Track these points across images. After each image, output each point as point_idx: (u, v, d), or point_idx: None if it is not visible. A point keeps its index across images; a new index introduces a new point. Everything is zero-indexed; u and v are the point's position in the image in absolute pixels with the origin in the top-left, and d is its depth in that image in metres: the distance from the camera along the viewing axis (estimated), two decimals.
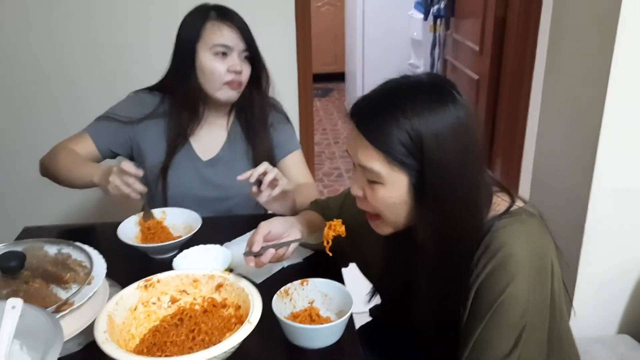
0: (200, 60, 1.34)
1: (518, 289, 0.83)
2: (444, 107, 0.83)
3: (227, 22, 1.34)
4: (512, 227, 0.85)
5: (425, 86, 0.86)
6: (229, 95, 1.38)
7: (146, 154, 1.44)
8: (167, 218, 1.30)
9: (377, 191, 0.87)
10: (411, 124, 0.81)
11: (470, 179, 0.86)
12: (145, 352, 0.89)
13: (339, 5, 5.28)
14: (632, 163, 1.46)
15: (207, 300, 0.99)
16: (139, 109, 1.44)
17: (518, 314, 0.84)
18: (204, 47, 1.34)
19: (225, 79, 1.34)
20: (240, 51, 1.35)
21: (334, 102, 5.28)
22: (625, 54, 1.37)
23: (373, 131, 0.84)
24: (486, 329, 0.86)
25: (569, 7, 1.63)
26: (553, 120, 1.71)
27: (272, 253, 1.02)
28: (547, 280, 0.86)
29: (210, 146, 1.47)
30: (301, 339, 0.94)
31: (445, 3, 3.20)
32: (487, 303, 0.85)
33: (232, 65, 1.34)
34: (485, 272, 0.85)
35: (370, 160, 0.85)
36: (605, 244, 1.50)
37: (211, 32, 1.33)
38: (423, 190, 0.85)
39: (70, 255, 1.01)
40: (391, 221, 0.91)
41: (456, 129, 0.83)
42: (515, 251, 0.83)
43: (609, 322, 1.60)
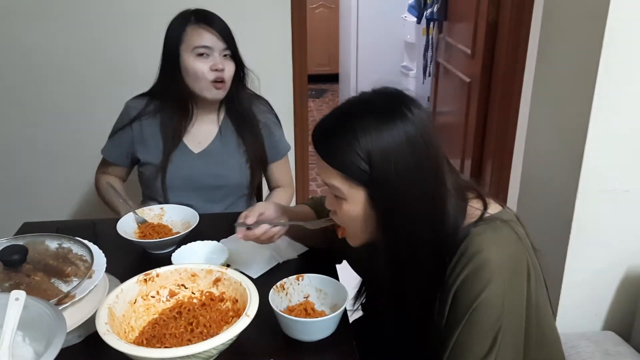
0: (184, 62, 1.43)
1: (493, 293, 0.86)
2: (390, 124, 0.86)
3: (205, 25, 1.42)
4: (486, 234, 0.88)
5: (376, 104, 0.90)
6: (215, 94, 1.46)
7: (143, 153, 1.52)
8: (166, 214, 1.33)
9: (342, 206, 0.92)
10: (359, 144, 0.86)
11: (426, 193, 0.89)
12: (145, 343, 0.91)
13: (333, 7, 5.31)
14: (618, 165, 1.49)
15: (205, 294, 1.01)
16: (127, 118, 1.53)
17: (494, 317, 0.87)
18: (186, 49, 1.42)
19: (209, 77, 1.42)
20: (221, 50, 1.43)
21: (328, 103, 5.31)
22: (612, 59, 1.41)
23: (328, 152, 0.90)
24: (463, 333, 0.89)
25: (558, 11, 1.66)
26: (541, 123, 1.75)
27: (265, 228, 1.07)
28: (523, 284, 0.90)
29: (201, 140, 1.54)
30: (297, 332, 0.97)
31: (438, 7, 3.24)
32: (463, 307, 0.88)
33: (214, 64, 1.42)
34: (461, 278, 0.88)
35: (331, 178, 0.90)
36: (591, 243, 1.54)
37: (191, 35, 1.42)
38: (377, 201, 0.89)
39: (71, 250, 1.04)
40: (354, 235, 0.96)
41: (403, 145, 0.86)
42: (489, 256, 0.86)
43: (595, 318, 1.64)
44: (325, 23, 5.37)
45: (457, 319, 0.89)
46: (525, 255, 0.91)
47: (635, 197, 1.52)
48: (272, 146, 1.59)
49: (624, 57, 1.41)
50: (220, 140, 1.54)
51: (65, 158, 2.18)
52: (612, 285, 1.60)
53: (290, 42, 2.12)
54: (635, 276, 1.60)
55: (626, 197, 1.51)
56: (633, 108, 1.46)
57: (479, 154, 2.79)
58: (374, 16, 4.29)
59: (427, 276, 0.92)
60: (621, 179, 1.50)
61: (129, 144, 1.53)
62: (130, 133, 1.52)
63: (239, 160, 1.54)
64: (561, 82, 1.63)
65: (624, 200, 1.52)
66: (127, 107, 1.55)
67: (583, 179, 1.49)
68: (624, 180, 1.51)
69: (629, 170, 1.50)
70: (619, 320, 1.64)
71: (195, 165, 1.51)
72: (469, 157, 2.89)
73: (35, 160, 2.18)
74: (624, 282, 1.60)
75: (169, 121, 1.50)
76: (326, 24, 5.37)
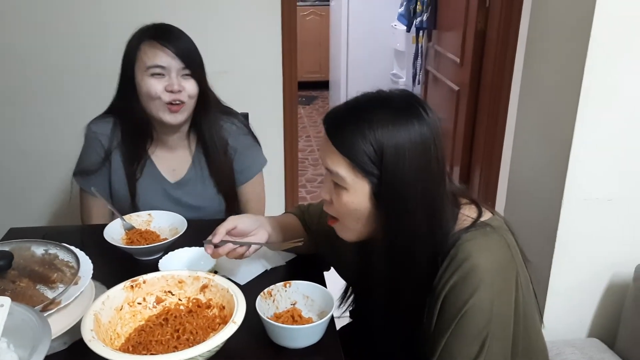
0: (138, 82, 1.34)
1: (481, 299, 0.87)
2: (408, 123, 0.87)
3: (160, 43, 1.32)
4: (476, 241, 0.89)
5: (395, 101, 0.90)
6: (172, 118, 1.36)
7: (115, 185, 1.45)
8: (154, 221, 1.33)
9: (342, 196, 0.91)
10: (374, 135, 0.86)
11: (430, 194, 0.89)
12: (131, 350, 0.91)
13: (324, 14, 5.34)
14: (602, 174, 1.52)
15: (192, 300, 1.01)
16: (101, 149, 1.43)
17: (481, 324, 0.88)
18: (140, 69, 1.33)
19: (164, 98, 1.33)
20: (178, 70, 1.33)
21: (318, 110, 5.32)
22: (597, 69, 1.44)
23: (340, 138, 0.89)
24: (452, 338, 0.89)
25: (544, 22, 1.69)
26: (528, 132, 1.77)
27: (229, 247, 1.07)
28: (512, 292, 0.90)
29: (176, 168, 1.47)
30: (283, 339, 0.97)
31: (427, 15, 3.27)
32: (452, 313, 0.89)
33: (169, 85, 1.32)
34: (450, 284, 0.89)
35: (337, 165, 0.90)
36: (576, 251, 1.56)
37: (145, 54, 1.33)
38: (382, 198, 0.89)
39: (57, 256, 1.03)
40: (351, 227, 0.95)
41: (418, 144, 0.87)
42: (478, 262, 0.87)
43: (580, 326, 1.66)
44: (315, 30, 5.40)
45: (446, 325, 0.90)
46: (513, 263, 0.91)
47: (619, 206, 1.54)
48: (240, 170, 1.51)
49: (609, 67, 1.44)
50: (195, 168, 1.48)
51: (53, 163, 2.16)
52: (596, 292, 1.63)
53: (280, 49, 2.13)
54: (619, 284, 1.62)
55: (610, 206, 1.54)
56: (617, 118, 1.48)
57: (467, 161, 2.81)
58: (364, 24, 4.32)
59: (420, 278, 0.93)
60: (605, 188, 1.53)
61: (107, 175, 1.44)
62: (107, 165, 1.43)
63: (213, 189, 1.48)
64: (546, 92, 1.65)
65: (608, 209, 1.54)
66: (93, 134, 1.43)
67: (568, 188, 1.51)
68: (608, 190, 1.53)
69: (612, 179, 1.53)
70: (604, 327, 1.66)
71: (171, 197, 1.46)
72: (457, 164, 2.91)
73: (22, 165, 2.16)
74: (608, 289, 1.62)
75: (130, 146, 1.42)
76: (317, 31, 5.40)
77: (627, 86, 1.46)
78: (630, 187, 1.53)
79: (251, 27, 2.08)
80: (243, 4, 2.03)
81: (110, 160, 1.44)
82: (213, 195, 1.49)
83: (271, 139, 2.15)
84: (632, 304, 1.52)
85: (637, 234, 1.58)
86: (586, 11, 1.42)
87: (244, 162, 1.51)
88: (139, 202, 1.44)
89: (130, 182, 1.43)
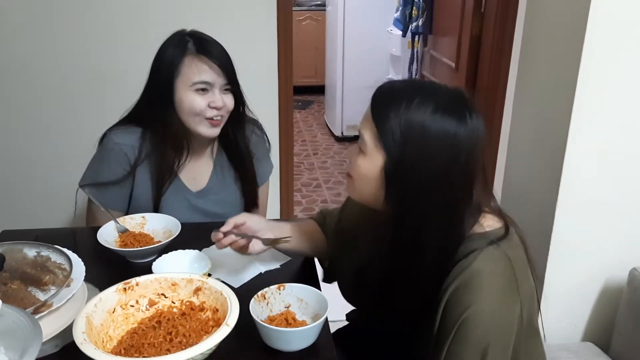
0: (179, 97, 1.30)
1: (482, 307, 0.86)
2: (446, 118, 0.86)
3: (206, 57, 1.29)
4: (486, 250, 0.89)
5: (445, 94, 0.90)
6: (211, 132, 1.35)
7: (139, 197, 1.40)
8: (147, 223, 1.32)
9: (359, 157, 0.93)
10: (407, 115, 0.87)
11: (444, 200, 0.88)
12: (123, 353, 0.90)
13: (320, 19, 5.35)
14: (596, 178, 1.52)
15: (185, 303, 1.01)
16: (126, 163, 1.37)
17: (482, 332, 0.87)
18: (183, 84, 1.29)
19: (206, 114, 1.31)
20: (222, 86, 1.32)
21: (314, 115, 5.33)
22: (591, 73, 1.44)
23: (378, 106, 0.91)
24: (453, 346, 0.89)
25: (538, 26, 1.70)
26: (522, 136, 1.78)
27: (232, 239, 1.09)
28: (516, 305, 0.89)
29: (198, 177, 1.45)
30: (277, 342, 0.96)
31: (423, 20, 3.29)
32: (452, 319, 0.88)
33: (213, 102, 1.30)
34: (452, 288, 0.89)
35: (365, 129, 0.92)
36: (570, 254, 1.56)
37: (190, 69, 1.28)
38: (391, 178, 0.90)
39: (50, 258, 1.02)
40: (358, 188, 0.97)
41: (447, 140, 0.86)
42: (480, 270, 0.87)
43: (574, 330, 1.66)
44: (312, 35, 5.41)
45: (448, 330, 0.89)
46: (513, 274, 0.90)
47: (614, 210, 1.55)
48: (256, 175, 1.53)
49: (602, 72, 1.45)
50: (217, 175, 1.46)
51: (47, 166, 2.15)
52: (591, 296, 1.63)
53: (276, 53, 2.13)
54: (613, 288, 1.62)
55: (604, 210, 1.54)
56: (610, 122, 1.49)
57: None
58: (360, 29, 4.32)
59: (425, 275, 0.92)
60: (599, 191, 1.53)
61: (127, 193, 1.39)
62: (131, 178, 1.37)
63: (235, 196, 1.48)
64: (541, 97, 1.66)
65: (603, 212, 1.55)
66: (117, 145, 1.35)
67: (562, 192, 1.52)
68: (602, 193, 1.54)
69: (607, 183, 1.53)
70: (598, 331, 1.66)
71: (194, 206, 1.44)
72: None
73: (16, 167, 2.15)
74: (602, 293, 1.63)
75: (162, 158, 1.36)
76: (313, 36, 5.41)
77: (620, 90, 1.47)
78: (625, 191, 1.54)
79: (247, 31, 2.08)
80: (239, 8, 2.04)
81: (134, 174, 1.37)
82: (234, 201, 1.49)
83: None
84: (627, 308, 1.52)
85: (631, 238, 1.59)
86: (580, 17, 1.42)
87: (259, 168, 1.53)
88: (162, 212, 1.39)
89: (157, 195, 1.37)
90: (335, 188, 3.68)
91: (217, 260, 1.19)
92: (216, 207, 1.46)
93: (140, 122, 1.38)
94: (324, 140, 4.62)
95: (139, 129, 1.38)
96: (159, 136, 1.36)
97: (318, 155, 4.29)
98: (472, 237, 0.91)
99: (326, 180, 3.82)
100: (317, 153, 4.34)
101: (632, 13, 1.41)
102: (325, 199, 3.51)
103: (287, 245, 1.16)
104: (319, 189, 3.68)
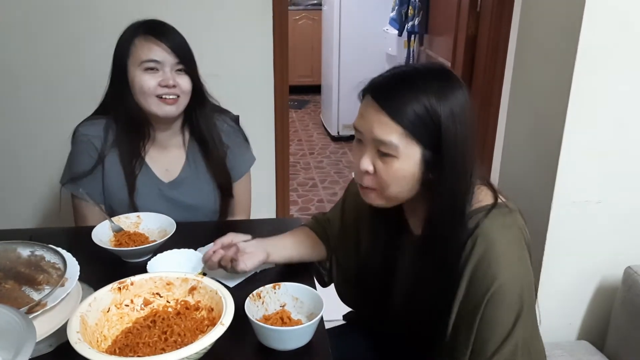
0: (131, 77, 1.33)
1: (505, 279, 0.89)
2: (454, 90, 0.90)
3: (154, 37, 1.32)
4: (496, 219, 0.92)
5: (436, 71, 0.93)
6: (166, 111, 1.35)
7: (111, 187, 1.41)
8: (142, 223, 1.32)
9: (391, 164, 0.91)
10: (429, 101, 0.88)
11: (474, 156, 0.93)
12: (118, 352, 0.90)
13: (316, 19, 5.35)
14: (591, 177, 1.53)
15: (180, 303, 1.00)
16: (94, 152, 1.40)
17: (512, 300, 0.90)
18: (133, 64, 1.33)
19: (157, 92, 1.33)
20: (172, 65, 1.33)
21: (310, 114, 5.33)
22: (585, 73, 1.45)
23: (393, 105, 0.89)
24: (486, 316, 0.91)
25: (533, 25, 1.70)
26: (517, 133, 1.78)
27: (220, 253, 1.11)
28: (530, 267, 0.94)
29: (170, 167, 1.46)
30: (272, 341, 0.96)
31: (419, 20, 3.30)
32: (478, 295, 0.90)
33: (163, 80, 1.32)
34: (472, 264, 0.91)
35: (388, 134, 0.89)
36: (565, 254, 1.57)
37: (139, 49, 1.32)
38: (435, 165, 0.90)
39: (44, 257, 1.02)
40: (392, 195, 0.95)
41: (466, 108, 0.90)
42: (496, 240, 0.90)
43: (569, 328, 1.66)
44: (308, 34, 5.42)
45: (475, 306, 0.91)
46: (528, 244, 0.95)
47: (608, 209, 1.55)
48: (232, 167, 1.51)
49: (597, 71, 1.45)
50: (189, 166, 1.47)
51: (40, 166, 2.15)
52: (586, 295, 1.64)
53: (272, 53, 2.13)
54: (608, 286, 1.63)
55: (599, 209, 1.55)
56: (605, 121, 1.50)
57: None
58: (356, 29, 4.33)
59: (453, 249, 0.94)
60: (594, 190, 1.54)
61: (101, 178, 1.41)
62: (101, 168, 1.39)
63: (209, 186, 1.47)
64: (536, 96, 1.66)
65: (597, 211, 1.55)
66: (84, 137, 1.39)
67: (557, 191, 1.52)
68: (596, 192, 1.54)
69: (601, 182, 1.54)
70: (593, 330, 1.66)
71: (167, 197, 1.44)
72: None
73: (8, 168, 2.14)
74: (597, 292, 1.63)
75: (126, 144, 1.39)
76: (309, 36, 5.42)
77: (614, 89, 1.47)
78: (619, 190, 1.54)
79: (243, 30, 2.08)
80: (235, 8, 2.04)
81: (103, 163, 1.40)
82: (208, 192, 1.48)
83: (262, 142, 2.15)
84: (621, 306, 1.53)
85: (625, 236, 1.60)
86: (575, 16, 1.43)
87: (235, 160, 1.52)
88: (137, 203, 1.41)
89: (129, 180, 1.39)
90: (331, 187, 3.68)
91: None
92: (188, 198, 1.46)
93: (105, 113, 1.42)
94: (320, 140, 4.63)
95: (103, 119, 1.42)
96: (120, 122, 1.39)
97: (314, 154, 4.29)
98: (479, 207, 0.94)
99: (322, 179, 3.82)
100: (313, 153, 4.34)
101: (626, 13, 1.42)
102: (321, 199, 3.51)
103: (287, 256, 1.18)
104: (315, 188, 3.68)
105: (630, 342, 1.49)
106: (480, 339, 0.92)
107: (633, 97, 1.48)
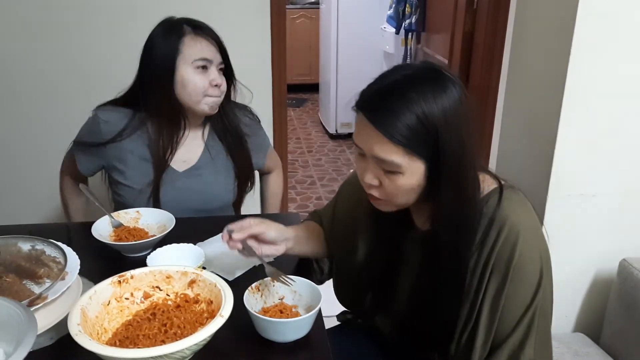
0: (181, 75, 1.33)
1: (530, 248, 0.92)
2: (447, 87, 0.88)
3: (204, 36, 1.35)
4: (511, 199, 0.94)
5: (424, 73, 0.90)
6: (213, 109, 1.39)
7: (129, 174, 1.42)
8: (142, 218, 1.33)
9: (396, 180, 0.91)
10: (421, 109, 0.86)
11: (474, 154, 0.93)
12: (118, 344, 0.91)
13: (314, 17, 5.36)
14: (586, 170, 1.54)
15: (180, 296, 1.01)
16: (107, 131, 1.40)
17: (533, 271, 0.93)
18: (184, 62, 1.33)
19: (208, 92, 1.36)
20: (218, 64, 1.37)
21: (308, 112, 5.34)
22: (580, 67, 1.46)
23: (385, 122, 0.87)
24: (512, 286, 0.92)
25: (528, 21, 1.72)
26: (513, 129, 1.80)
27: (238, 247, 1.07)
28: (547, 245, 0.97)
29: (186, 157, 1.47)
30: (271, 333, 0.97)
31: (416, 18, 3.30)
32: (504, 266, 0.92)
33: (214, 79, 1.35)
34: (499, 243, 0.92)
35: (390, 154, 0.88)
36: (561, 247, 1.58)
37: (190, 47, 1.33)
38: (440, 168, 0.90)
39: (44, 251, 1.03)
40: (401, 203, 0.96)
41: (460, 106, 0.88)
42: (518, 218, 0.92)
43: (565, 320, 1.68)
44: (305, 33, 5.43)
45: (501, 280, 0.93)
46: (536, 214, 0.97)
47: (603, 202, 1.57)
48: (257, 150, 1.56)
49: (591, 66, 1.46)
50: (208, 157, 1.47)
51: (38, 163, 2.15)
52: (581, 288, 1.65)
53: (270, 52, 2.14)
54: (604, 279, 1.64)
55: (594, 202, 1.56)
56: (600, 115, 1.51)
57: None
58: (354, 27, 4.34)
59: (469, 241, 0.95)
60: (589, 184, 1.55)
61: (101, 162, 1.44)
62: (104, 152, 1.41)
63: (227, 177, 1.49)
64: (532, 90, 1.67)
65: (592, 204, 1.56)
66: (98, 121, 1.40)
67: (552, 185, 1.53)
68: (592, 185, 1.55)
69: (596, 175, 1.55)
70: (589, 322, 1.68)
71: (182, 186, 1.44)
72: None
73: (8, 168, 2.15)
74: (593, 285, 1.65)
75: (159, 139, 1.39)
76: (306, 34, 5.43)
77: (609, 84, 1.48)
78: (614, 183, 1.55)
79: (241, 29, 2.09)
80: (232, 7, 2.04)
81: (108, 149, 1.41)
82: (226, 185, 1.49)
83: None
84: (617, 298, 1.54)
85: (620, 229, 1.61)
86: (569, 12, 1.44)
87: (256, 141, 1.56)
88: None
89: (157, 176, 1.40)
90: (330, 185, 3.69)
91: (211, 253, 1.20)
92: (206, 186, 1.47)
93: (132, 105, 1.41)
94: (318, 138, 4.64)
95: (128, 111, 1.41)
96: (155, 117, 1.39)
97: (312, 152, 4.31)
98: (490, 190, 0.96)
99: (320, 177, 3.83)
100: (312, 151, 4.35)
101: (620, 9, 1.43)
102: (319, 196, 3.52)
103: (304, 252, 1.18)
104: (313, 186, 3.69)
105: (625, 334, 1.51)
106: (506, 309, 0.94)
107: (626, 91, 1.50)
